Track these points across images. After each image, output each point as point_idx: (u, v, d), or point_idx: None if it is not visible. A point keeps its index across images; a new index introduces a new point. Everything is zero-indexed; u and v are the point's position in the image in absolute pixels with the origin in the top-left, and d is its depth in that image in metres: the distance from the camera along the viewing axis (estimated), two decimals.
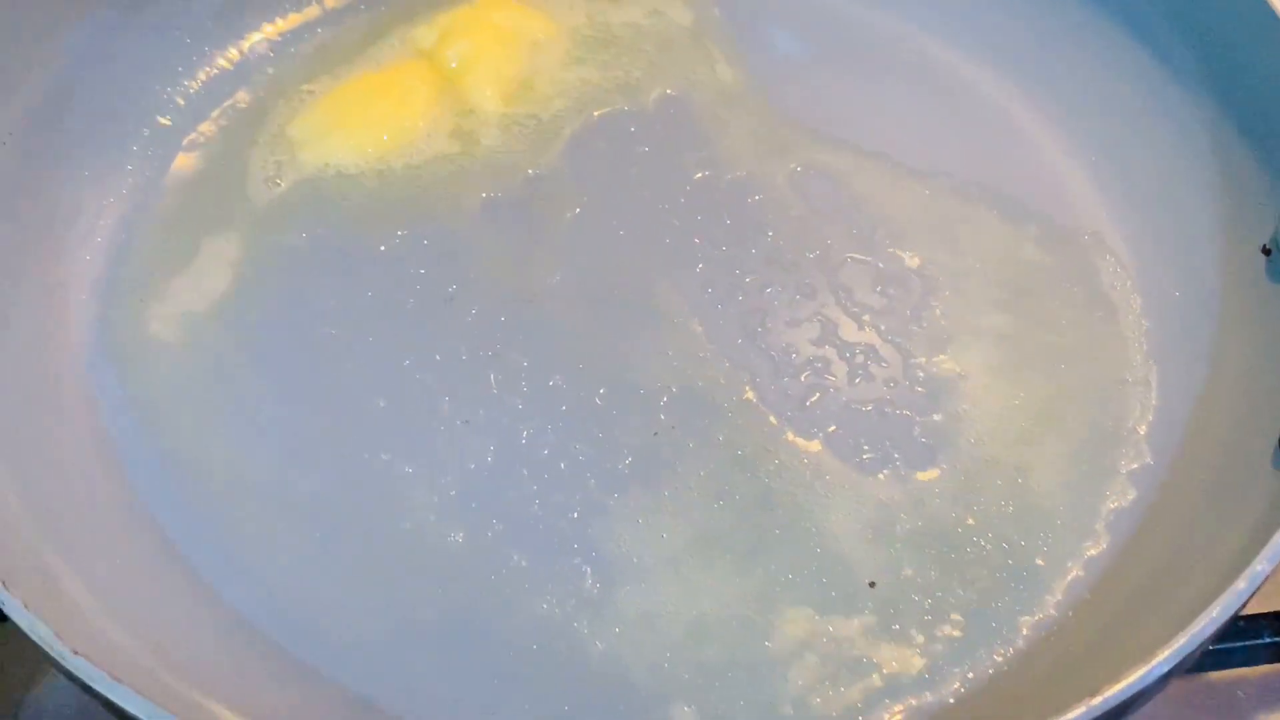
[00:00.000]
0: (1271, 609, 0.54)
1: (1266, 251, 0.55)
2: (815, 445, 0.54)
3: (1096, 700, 0.40)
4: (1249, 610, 0.46)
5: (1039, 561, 0.52)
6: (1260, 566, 0.42)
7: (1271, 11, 0.55)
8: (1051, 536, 0.52)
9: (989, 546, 0.52)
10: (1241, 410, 0.53)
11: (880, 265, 0.59)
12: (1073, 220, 0.61)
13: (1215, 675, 0.57)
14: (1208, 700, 0.56)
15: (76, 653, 0.40)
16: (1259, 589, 0.43)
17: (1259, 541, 0.44)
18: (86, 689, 0.41)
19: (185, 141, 0.64)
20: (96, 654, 0.41)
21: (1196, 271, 0.58)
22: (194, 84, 0.65)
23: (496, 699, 0.49)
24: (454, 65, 0.65)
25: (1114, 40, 0.62)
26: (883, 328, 0.58)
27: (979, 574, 0.51)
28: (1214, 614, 0.42)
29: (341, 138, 0.63)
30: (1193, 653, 0.42)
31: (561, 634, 0.50)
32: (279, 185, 0.62)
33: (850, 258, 0.60)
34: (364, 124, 0.63)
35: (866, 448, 0.54)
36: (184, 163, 0.63)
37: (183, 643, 0.48)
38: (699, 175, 0.63)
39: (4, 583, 0.41)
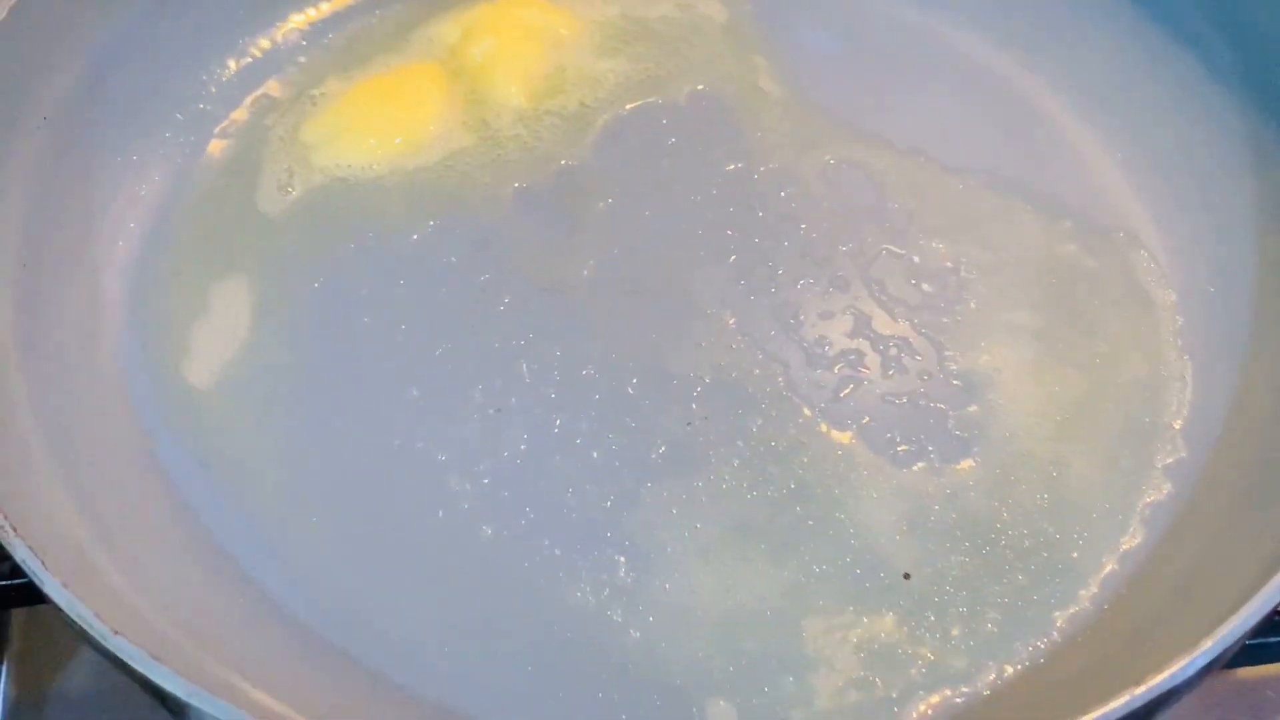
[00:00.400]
0: None
1: None
2: (849, 437, 0.54)
3: (1140, 690, 0.39)
4: None
5: (1074, 555, 0.51)
6: None
7: None
8: (1087, 530, 0.52)
9: (1024, 540, 0.52)
10: (1277, 404, 0.53)
11: (914, 259, 0.59)
12: (1107, 216, 0.60)
13: (1244, 673, 0.56)
14: (1236, 699, 0.56)
15: (116, 632, 0.40)
16: None
17: None
18: (124, 668, 0.41)
19: (217, 129, 0.64)
20: (134, 634, 0.41)
21: (1231, 267, 0.57)
22: (226, 72, 0.65)
23: (530, 687, 0.49)
24: (479, 61, 0.65)
25: (1150, 36, 0.62)
26: (916, 321, 0.57)
27: (1014, 567, 0.51)
28: (1256, 605, 0.42)
29: (355, 140, 0.62)
30: (1232, 645, 0.42)
31: (595, 624, 0.50)
32: (304, 185, 0.62)
33: (884, 251, 0.60)
34: (377, 127, 0.63)
35: (900, 440, 0.54)
36: (216, 149, 0.63)
37: (217, 626, 0.48)
38: (731, 167, 0.62)
39: (44, 564, 0.41)
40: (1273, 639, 0.53)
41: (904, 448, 0.54)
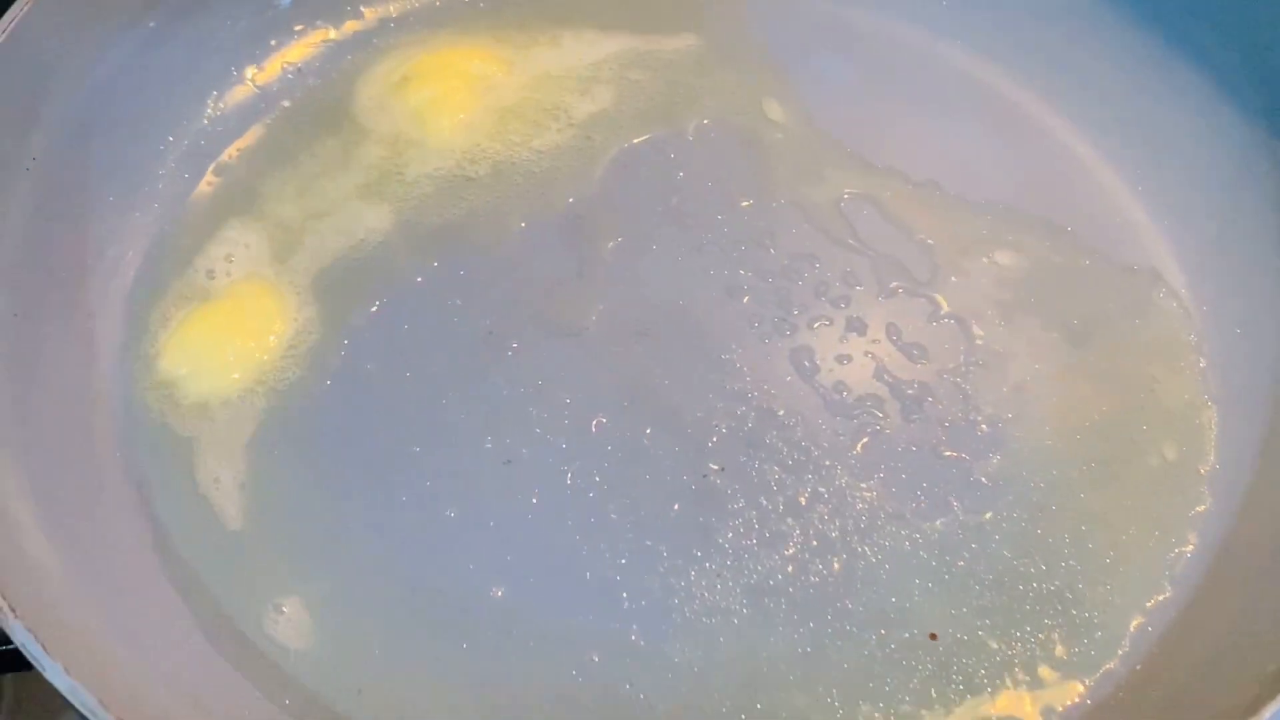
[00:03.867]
0: None
1: None
2: (869, 489, 0.53)
3: None
4: None
5: (1103, 611, 0.50)
6: None
7: None
8: (1115, 585, 0.51)
9: (1051, 597, 0.50)
10: None
11: (933, 298, 0.58)
12: (1129, 255, 0.59)
13: None
14: None
15: None
16: None
17: None
18: None
19: (212, 166, 0.62)
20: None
21: (1258, 308, 0.56)
22: (218, 110, 0.63)
23: None
24: (419, 107, 0.63)
25: (1176, 73, 0.60)
26: (936, 365, 0.56)
27: (1041, 626, 0.50)
28: None
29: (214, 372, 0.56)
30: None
31: (608, 691, 0.48)
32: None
33: (901, 290, 0.58)
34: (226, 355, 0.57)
35: (923, 491, 0.53)
36: (209, 188, 0.61)
37: (223, 699, 0.46)
38: (743, 203, 0.61)
39: (44, 648, 0.40)
40: None
41: (926, 499, 0.53)
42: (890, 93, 0.65)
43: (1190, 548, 0.52)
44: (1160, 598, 0.50)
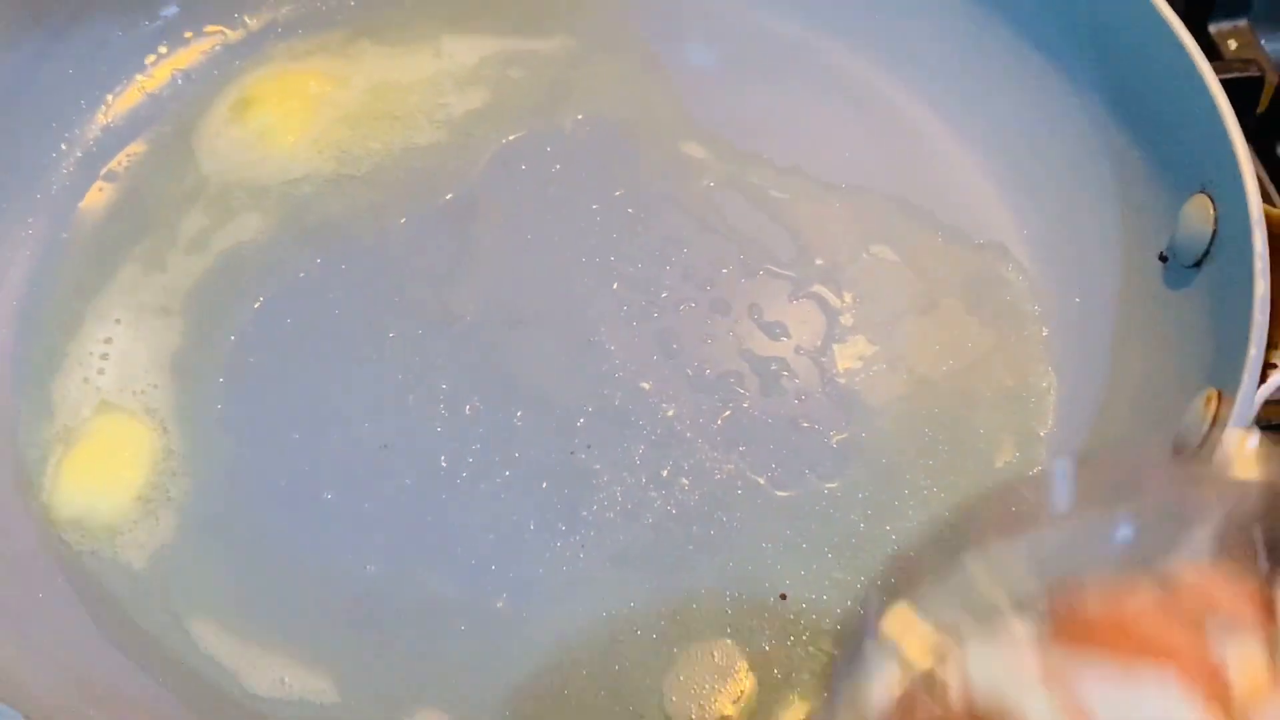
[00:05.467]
0: None
1: (1163, 258, 0.56)
2: (729, 460, 0.56)
3: None
4: None
5: None
6: None
7: (1167, 26, 0.56)
8: None
9: (895, 556, 0.53)
10: (1139, 416, 0.55)
11: (792, 278, 0.61)
12: (978, 231, 0.62)
13: None
14: None
15: None
16: None
17: None
18: None
19: (103, 172, 0.64)
20: (13, 696, 0.42)
21: (1096, 279, 0.59)
22: (109, 117, 0.66)
23: None
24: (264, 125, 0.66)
25: (1018, 53, 0.63)
26: (795, 342, 0.59)
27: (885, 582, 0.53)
28: None
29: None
30: None
31: (480, 657, 0.51)
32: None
33: (763, 272, 0.61)
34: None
35: (778, 461, 0.56)
36: (100, 195, 0.64)
37: (104, 677, 0.49)
38: (616, 193, 0.64)
39: None
40: None
41: (782, 469, 0.55)
42: (757, 80, 0.67)
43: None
44: None
